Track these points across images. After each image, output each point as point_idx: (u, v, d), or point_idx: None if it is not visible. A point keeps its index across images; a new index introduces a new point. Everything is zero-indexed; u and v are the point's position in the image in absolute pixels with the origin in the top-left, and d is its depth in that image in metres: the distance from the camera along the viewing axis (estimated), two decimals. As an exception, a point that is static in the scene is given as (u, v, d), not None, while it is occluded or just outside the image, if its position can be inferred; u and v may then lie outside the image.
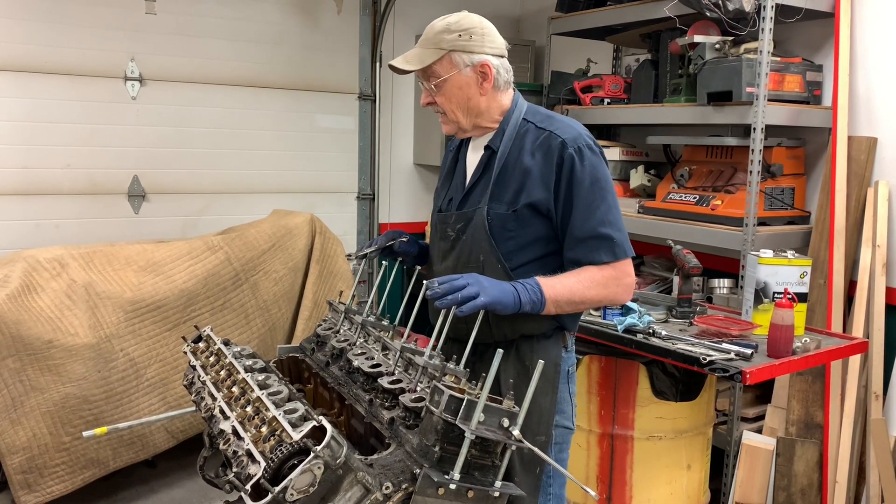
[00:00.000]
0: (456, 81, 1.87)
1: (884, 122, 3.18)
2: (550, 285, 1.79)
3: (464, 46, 1.85)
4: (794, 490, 3.17)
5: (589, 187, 1.82)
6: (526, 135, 1.90)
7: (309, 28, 4.56)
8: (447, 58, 1.85)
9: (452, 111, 1.90)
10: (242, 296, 3.68)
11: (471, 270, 1.89)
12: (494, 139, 1.93)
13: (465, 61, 1.86)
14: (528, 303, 1.76)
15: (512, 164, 1.88)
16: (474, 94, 1.89)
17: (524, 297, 1.75)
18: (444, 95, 1.88)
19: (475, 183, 1.95)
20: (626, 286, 1.88)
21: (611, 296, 1.87)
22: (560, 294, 1.79)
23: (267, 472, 1.30)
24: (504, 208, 1.87)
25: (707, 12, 3.09)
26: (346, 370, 1.87)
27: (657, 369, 2.68)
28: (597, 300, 1.86)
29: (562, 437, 1.96)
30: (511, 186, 1.87)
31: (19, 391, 3.07)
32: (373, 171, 4.88)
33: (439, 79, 1.86)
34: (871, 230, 3.12)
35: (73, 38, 3.86)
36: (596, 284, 1.83)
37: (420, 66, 1.85)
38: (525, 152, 1.87)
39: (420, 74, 1.90)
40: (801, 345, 2.50)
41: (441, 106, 1.91)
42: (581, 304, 1.85)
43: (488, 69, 1.87)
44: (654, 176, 3.90)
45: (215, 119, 4.31)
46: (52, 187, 3.90)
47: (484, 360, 1.89)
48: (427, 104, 1.94)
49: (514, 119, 1.93)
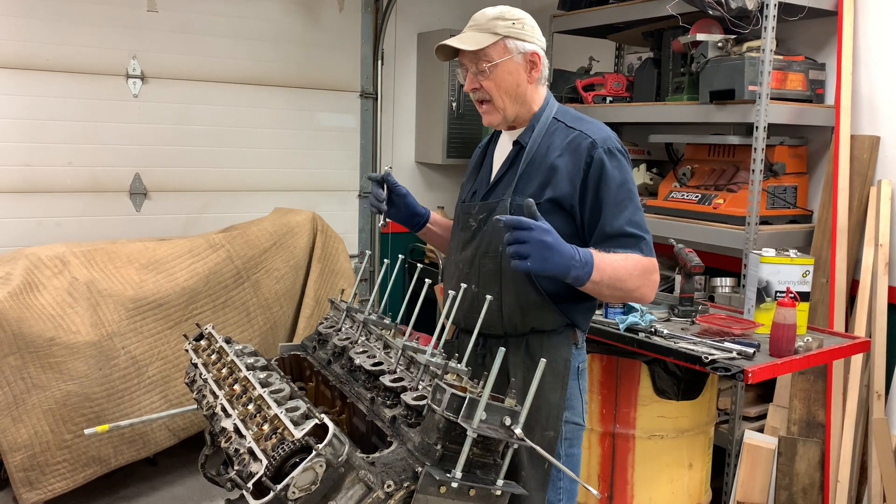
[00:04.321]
0: (507, 67, 1.89)
1: (887, 120, 3.17)
2: (600, 263, 1.74)
3: (517, 34, 1.89)
4: (796, 489, 3.16)
5: (618, 187, 1.84)
6: (555, 133, 1.92)
7: (311, 26, 4.56)
8: (501, 43, 1.88)
9: (500, 97, 1.91)
10: (244, 294, 3.68)
11: (490, 260, 1.92)
12: (524, 135, 1.95)
13: (518, 48, 1.89)
14: (574, 278, 1.72)
15: (539, 160, 1.90)
16: (523, 81, 1.91)
17: (573, 272, 1.70)
18: (494, 80, 1.89)
19: (501, 176, 1.97)
20: (655, 283, 1.86)
21: (643, 288, 1.83)
22: (605, 273, 1.75)
23: (269, 470, 1.30)
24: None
25: (710, 10, 3.08)
26: (347, 368, 1.87)
27: (659, 368, 2.67)
28: (633, 288, 1.82)
29: (572, 433, 1.96)
30: (536, 181, 1.89)
31: (21, 389, 3.07)
32: (374, 170, 4.87)
33: (492, 62, 1.88)
34: (873, 229, 3.12)
35: (74, 35, 3.85)
36: (638, 271, 1.80)
37: (477, 48, 1.86)
38: (553, 150, 1.89)
39: (469, 58, 1.90)
40: (803, 344, 2.50)
41: (488, 91, 1.90)
42: (619, 289, 1.80)
43: (538, 59, 1.92)
44: (656, 174, 3.90)
45: (217, 117, 4.31)
46: (54, 185, 3.90)
47: (493, 354, 1.89)
48: (472, 90, 1.93)
49: (545, 117, 1.95)
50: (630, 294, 1.83)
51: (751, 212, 3.05)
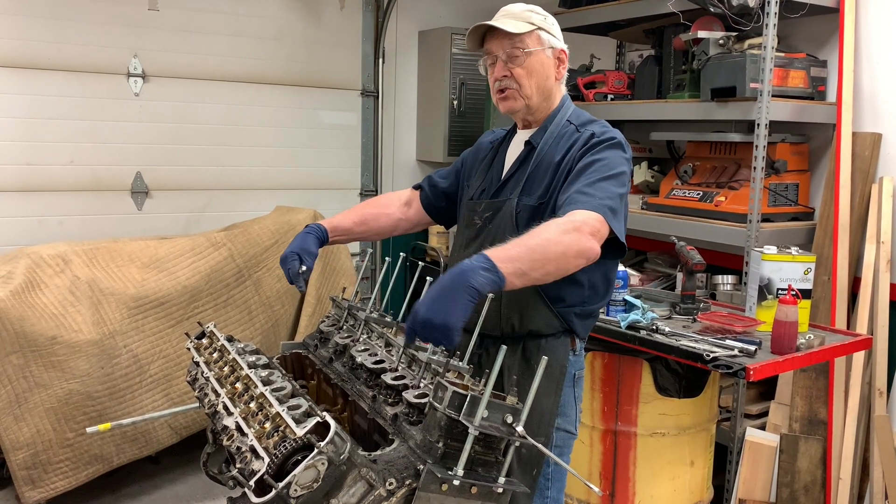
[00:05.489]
0: (539, 58, 1.91)
1: (888, 117, 3.17)
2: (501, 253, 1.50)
3: (549, 29, 1.92)
4: (798, 487, 3.16)
5: (596, 162, 1.78)
6: (565, 136, 1.92)
7: (311, 24, 4.56)
8: (536, 34, 1.90)
9: (530, 85, 1.91)
10: (246, 292, 3.68)
11: None
12: (536, 135, 1.96)
13: (549, 42, 1.92)
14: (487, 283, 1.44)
15: (548, 161, 1.90)
16: (551, 76, 1.94)
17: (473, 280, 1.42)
18: (526, 69, 1.89)
19: (510, 176, 1.97)
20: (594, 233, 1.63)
21: (575, 243, 1.58)
22: (515, 256, 1.51)
23: (270, 468, 1.30)
24: (534, 201, 1.88)
25: (711, 8, 3.08)
26: (349, 366, 1.87)
27: (660, 366, 2.67)
28: (561, 251, 1.56)
29: (562, 440, 1.94)
30: (543, 181, 1.89)
31: (23, 387, 3.08)
32: (375, 168, 4.87)
33: (527, 49, 1.88)
34: (875, 226, 3.12)
35: (75, 34, 3.85)
36: (558, 231, 1.58)
37: (517, 31, 1.87)
38: (560, 151, 1.89)
39: (501, 45, 1.90)
40: (804, 341, 2.50)
41: (518, 79, 1.90)
42: (546, 260, 1.54)
43: (565, 57, 1.95)
44: (657, 172, 3.90)
45: (218, 115, 4.31)
46: (56, 184, 3.90)
47: (490, 354, 1.89)
48: (502, 77, 1.91)
49: (559, 118, 1.96)
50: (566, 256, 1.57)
51: (752, 209, 3.05)
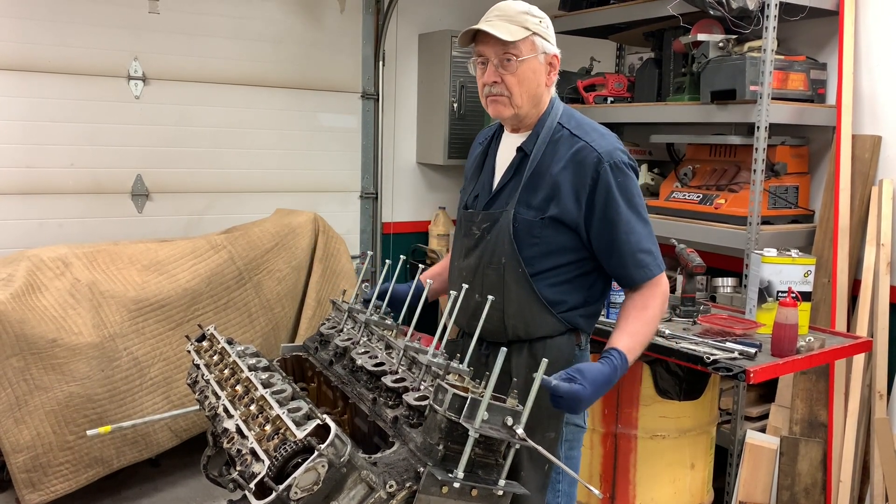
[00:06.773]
0: (532, 65, 1.84)
1: (888, 120, 3.17)
2: (630, 349, 1.81)
3: (544, 33, 1.86)
4: (798, 489, 3.16)
5: (627, 205, 1.83)
6: (559, 141, 1.87)
7: (312, 26, 4.56)
8: (531, 39, 1.83)
9: (520, 94, 1.85)
10: (246, 295, 3.68)
11: (493, 271, 1.89)
12: (528, 142, 1.91)
13: (542, 48, 1.85)
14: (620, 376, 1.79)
15: (543, 171, 1.86)
16: (542, 83, 1.88)
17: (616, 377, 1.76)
18: (518, 76, 1.83)
19: (504, 185, 1.93)
20: (666, 297, 1.94)
21: (662, 313, 1.93)
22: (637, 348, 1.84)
23: (271, 471, 1.30)
24: (532, 214, 1.85)
25: (711, 10, 3.08)
26: (349, 369, 1.87)
27: (661, 368, 2.67)
28: (658, 322, 1.94)
29: (572, 434, 1.96)
30: (540, 193, 1.85)
31: (23, 390, 3.08)
32: (376, 170, 4.88)
33: (521, 57, 1.82)
34: (875, 229, 3.12)
35: (76, 37, 3.86)
36: (656, 315, 1.89)
37: (512, 39, 1.80)
38: (557, 161, 1.85)
39: (494, 49, 1.83)
40: (804, 344, 2.50)
41: (509, 86, 1.84)
42: (651, 335, 1.93)
43: (557, 62, 1.89)
44: (657, 174, 3.90)
45: (218, 118, 4.31)
46: (56, 186, 3.90)
47: (496, 356, 1.88)
48: (492, 83, 1.86)
49: (550, 121, 1.90)
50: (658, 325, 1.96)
51: (752, 212, 3.05)
